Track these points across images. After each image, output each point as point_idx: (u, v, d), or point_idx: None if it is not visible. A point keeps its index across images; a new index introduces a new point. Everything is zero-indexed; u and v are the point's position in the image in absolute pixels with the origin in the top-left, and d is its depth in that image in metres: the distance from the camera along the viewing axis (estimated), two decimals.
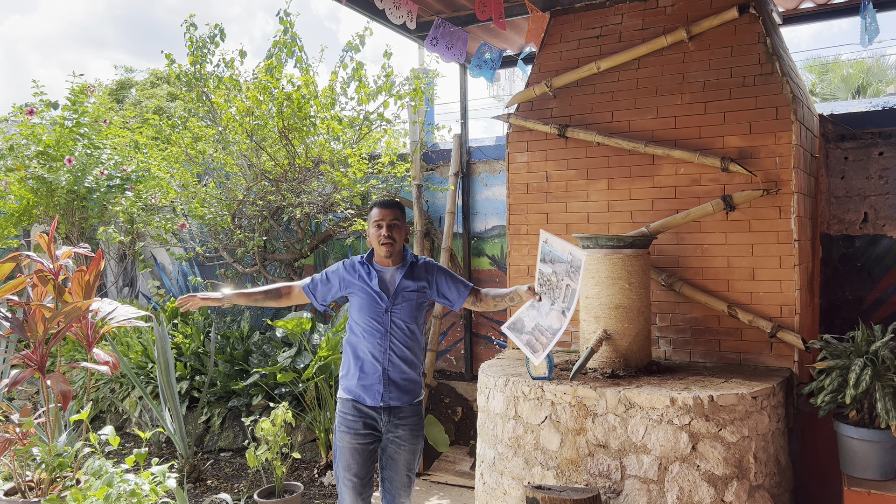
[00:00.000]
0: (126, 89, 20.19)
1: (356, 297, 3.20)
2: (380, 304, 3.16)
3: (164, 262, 7.85)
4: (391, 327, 3.17)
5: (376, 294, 3.16)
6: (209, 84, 5.94)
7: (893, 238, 4.38)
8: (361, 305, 3.18)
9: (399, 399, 3.16)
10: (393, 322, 3.17)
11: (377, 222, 3.18)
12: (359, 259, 3.27)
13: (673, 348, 4.09)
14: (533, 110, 4.51)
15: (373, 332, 3.16)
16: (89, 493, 3.01)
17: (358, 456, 3.16)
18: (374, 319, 3.16)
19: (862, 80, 23.68)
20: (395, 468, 3.21)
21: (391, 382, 3.15)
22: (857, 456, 3.33)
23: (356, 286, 3.20)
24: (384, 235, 3.15)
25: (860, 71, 24.22)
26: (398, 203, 3.26)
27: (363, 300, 3.18)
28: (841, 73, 23.09)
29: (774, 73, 3.81)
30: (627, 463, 3.28)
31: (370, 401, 3.15)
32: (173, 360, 5.22)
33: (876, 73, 24.47)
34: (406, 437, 3.19)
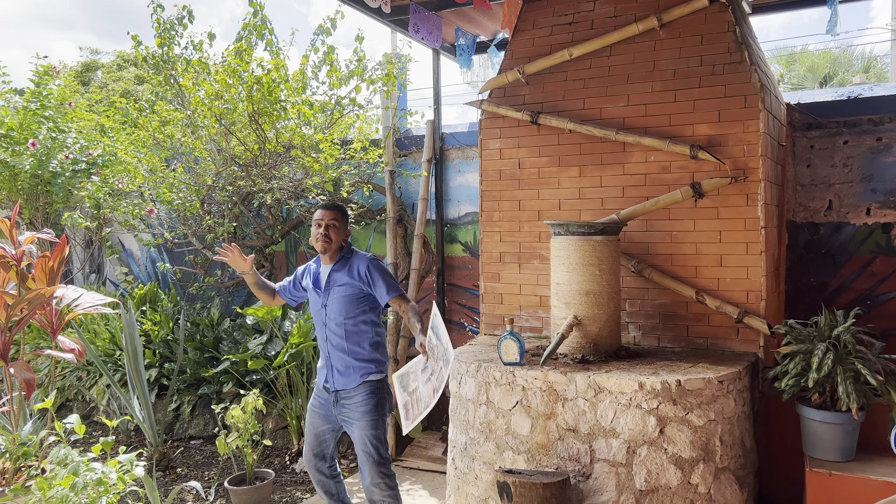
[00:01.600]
0: (92, 72, 19.75)
1: (309, 293, 3.65)
2: (318, 299, 3.58)
3: (132, 249, 7.73)
4: (326, 320, 3.54)
5: (315, 290, 3.58)
6: (177, 67, 5.84)
7: (856, 225, 4.47)
8: (311, 301, 3.64)
9: (341, 383, 3.51)
10: (328, 315, 3.54)
11: (317, 222, 3.52)
12: (314, 260, 3.68)
13: (642, 334, 4.14)
14: (506, 97, 4.50)
15: (318, 324, 3.61)
16: (55, 483, 2.96)
17: (314, 429, 3.63)
18: (316, 313, 3.61)
19: (829, 69, 24.05)
20: (355, 446, 3.52)
21: (333, 368, 3.54)
22: (819, 438, 3.42)
23: (308, 284, 3.62)
24: (322, 234, 3.48)
25: (827, 61, 24.60)
26: (340, 206, 3.60)
27: (311, 296, 3.63)
28: (808, 63, 23.45)
29: (743, 62, 3.85)
30: (597, 447, 3.32)
31: (323, 382, 3.62)
32: (142, 347, 5.15)
33: (842, 64, 24.88)
34: (350, 414, 3.49)
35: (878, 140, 4.40)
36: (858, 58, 25.18)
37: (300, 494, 4.50)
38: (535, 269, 4.41)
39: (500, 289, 4.56)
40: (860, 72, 23.83)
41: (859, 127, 4.45)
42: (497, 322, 4.57)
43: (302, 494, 4.49)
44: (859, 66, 24.20)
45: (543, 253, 4.37)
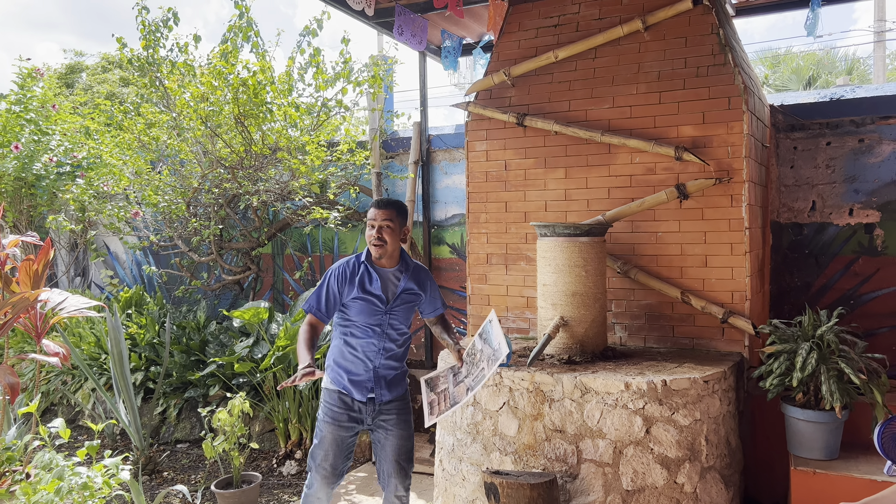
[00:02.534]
0: (76, 74, 19.57)
1: (357, 299, 3.18)
2: (379, 307, 3.20)
3: (117, 252, 7.68)
4: (388, 329, 3.23)
5: (376, 297, 3.18)
6: (162, 69, 5.81)
7: (839, 226, 4.52)
8: (361, 308, 3.19)
9: (388, 394, 3.27)
10: (390, 324, 3.24)
11: (370, 222, 3.19)
12: (356, 259, 3.23)
13: (628, 334, 4.16)
14: (492, 99, 4.52)
15: (369, 332, 3.21)
16: (39, 487, 2.94)
17: (337, 448, 3.22)
18: (371, 320, 3.20)
19: (813, 71, 24.29)
20: (385, 455, 3.28)
21: (381, 379, 3.24)
22: (804, 437, 3.45)
23: (356, 289, 3.17)
24: (375, 237, 3.16)
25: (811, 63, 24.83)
26: (396, 203, 3.25)
27: (363, 303, 3.18)
28: (792, 64, 23.67)
29: (727, 64, 3.88)
30: (583, 447, 3.34)
31: (358, 395, 3.22)
32: (127, 350, 5.11)
33: (826, 65, 25.13)
34: (393, 422, 3.26)
35: (861, 141, 4.45)
36: (842, 59, 25.43)
37: (287, 497, 4.48)
38: (522, 271, 4.43)
39: (486, 290, 4.56)
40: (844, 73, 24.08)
41: (841, 128, 4.50)
42: None
43: (290, 497, 4.48)
44: (843, 67, 24.46)
45: (530, 254, 4.39)
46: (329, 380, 3.28)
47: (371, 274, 3.19)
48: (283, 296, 6.55)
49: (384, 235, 3.15)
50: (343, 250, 6.26)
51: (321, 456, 3.24)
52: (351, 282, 3.17)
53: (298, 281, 6.43)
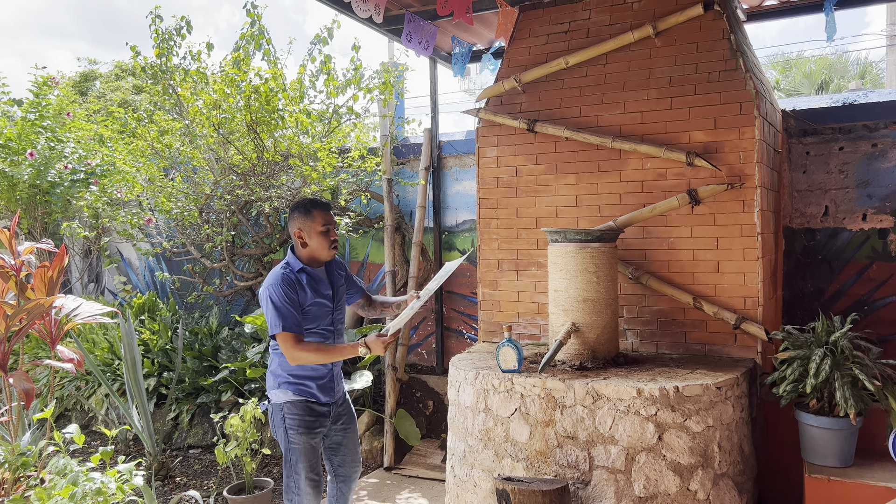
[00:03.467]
0: (90, 81, 19.76)
1: (312, 305, 3.17)
2: (328, 306, 3.25)
3: (130, 258, 7.73)
4: (338, 325, 3.33)
5: (321, 298, 3.20)
6: (175, 77, 5.86)
7: (853, 231, 4.49)
8: (316, 313, 3.19)
9: (342, 389, 3.40)
10: (339, 319, 3.34)
11: (327, 227, 3.18)
12: (289, 270, 3.16)
13: (640, 340, 4.15)
14: (502, 105, 4.52)
15: (325, 333, 3.25)
16: (54, 493, 2.96)
17: (315, 455, 3.24)
18: (325, 322, 3.24)
19: (825, 76, 24.17)
20: (347, 450, 3.41)
21: (337, 375, 3.34)
22: (818, 444, 3.42)
23: (310, 296, 3.16)
24: (333, 241, 3.20)
25: (823, 67, 24.72)
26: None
27: (317, 308, 3.19)
28: (804, 69, 23.56)
29: (738, 70, 3.87)
30: (595, 454, 3.33)
31: (324, 398, 3.25)
32: (140, 356, 5.15)
33: (838, 70, 25.01)
34: (348, 420, 3.43)
35: (874, 146, 4.42)
36: (854, 63, 25.29)
37: None
38: (533, 277, 4.42)
39: (498, 296, 4.57)
40: (856, 77, 23.95)
41: (854, 133, 4.47)
42: (495, 329, 4.58)
43: None
44: (855, 71, 24.33)
45: (541, 260, 4.38)
46: (291, 393, 3.19)
47: (315, 277, 3.20)
48: None
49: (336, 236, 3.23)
50: (354, 256, 6.28)
51: (306, 467, 3.20)
52: (304, 290, 3.14)
53: None
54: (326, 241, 3.18)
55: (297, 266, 3.18)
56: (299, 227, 3.18)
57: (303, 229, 3.17)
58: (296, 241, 3.20)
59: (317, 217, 3.17)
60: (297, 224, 3.18)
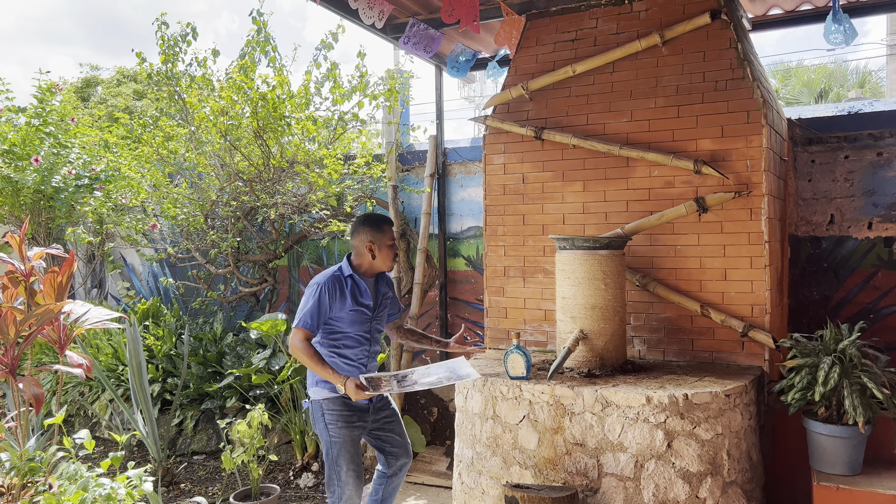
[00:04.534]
0: (92, 87, 19.79)
1: (347, 311, 3.35)
2: (367, 314, 3.44)
3: (133, 264, 7.73)
4: (375, 333, 3.52)
5: (362, 306, 3.39)
6: (181, 83, 5.88)
7: (858, 239, 4.50)
8: (354, 319, 3.38)
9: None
10: (376, 328, 3.53)
11: (392, 242, 3.46)
12: (339, 273, 3.38)
13: (647, 347, 4.15)
14: (509, 112, 4.54)
15: (360, 339, 3.43)
16: (64, 498, 2.96)
17: (356, 447, 3.41)
18: (362, 328, 3.43)
19: (824, 84, 24.25)
20: (395, 440, 3.59)
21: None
22: (826, 452, 3.42)
23: (349, 302, 3.35)
24: (395, 255, 3.48)
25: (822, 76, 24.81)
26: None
27: (355, 314, 3.38)
28: (803, 77, 23.65)
29: (745, 78, 3.89)
30: (604, 461, 3.33)
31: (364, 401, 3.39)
32: (145, 362, 5.15)
33: (838, 78, 25.09)
34: (389, 415, 3.59)
35: (879, 154, 4.44)
36: (853, 72, 25.38)
37: None
38: (540, 283, 4.43)
39: (504, 303, 4.57)
40: (855, 86, 24.03)
41: (860, 142, 4.49)
42: (501, 336, 4.58)
43: None
44: (854, 80, 24.42)
45: (548, 267, 4.39)
46: (327, 391, 3.34)
47: (360, 286, 3.40)
48: None
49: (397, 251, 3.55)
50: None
51: (347, 459, 3.35)
52: (342, 296, 3.34)
53: None
54: (391, 254, 3.44)
55: (346, 272, 3.39)
56: (371, 239, 3.40)
57: (374, 242, 3.40)
58: (365, 252, 3.40)
59: (386, 232, 3.43)
60: (369, 237, 3.40)
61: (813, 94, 22.62)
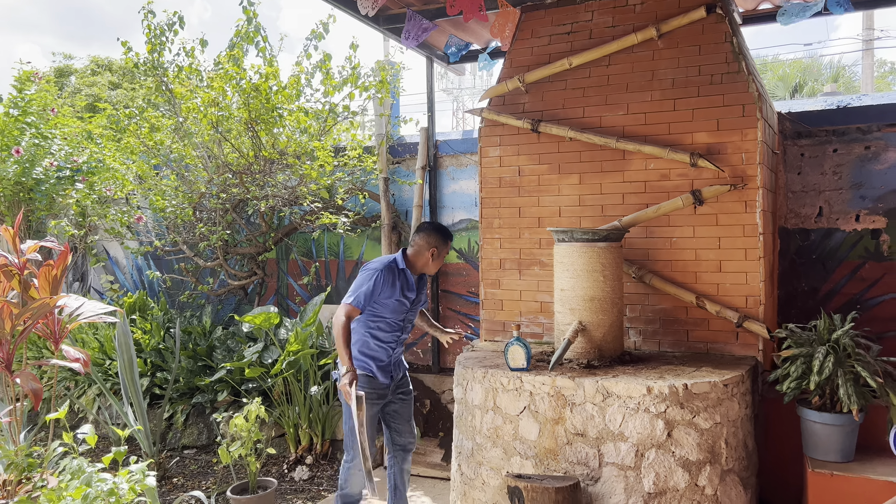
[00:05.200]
0: (65, 77, 19.40)
1: (392, 299, 3.70)
2: (406, 306, 3.79)
3: (117, 257, 7.62)
4: (407, 323, 3.87)
5: (405, 297, 3.75)
6: (168, 73, 5.80)
7: (846, 231, 4.59)
8: (395, 308, 3.73)
9: (401, 371, 3.94)
10: (409, 319, 3.88)
11: (446, 254, 3.85)
12: (394, 265, 3.73)
13: (643, 339, 4.20)
14: (505, 105, 4.55)
15: (395, 326, 3.78)
16: (65, 494, 2.92)
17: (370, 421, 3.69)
18: (399, 317, 3.78)
19: (799, 79, 24.60)
20: (403, 419, 3.95)
21: (398, 362, 3.90)
22: (820, 439, 3.50)
23: (397, 292, 3.71)
24: (441, 264, 3.88)
25: (797, 70, 25.14)
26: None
27: (397, 304, 3.73)
28: (779, 72, 23.98)
29: (741, 72, 3.94)
30: (605, 451, 3.36)
31: (383, 378, 3.76)
32: (135, 355, 5.09)
33: (812, 73, 25.46)
34: (405, 390, 3.96)
35: (867, 148, 4.53)
36: (827, 67, 25.77)
37: (301, 503, 4.47)
38: (536, 276, 4.46)
39: (500, 295, 4.59)
40: (829, 80, 24.41)
41: (848, 135, 4.57)
42: (497, 328, 4.60)
43: (303, 503, 4.47)
44: (829, 74, 24.78)
45: (544, 259, 4.42)
46: (360, 367, 3.69)
47: (409, 280, 3.77)
48: (288, 301, 6.54)
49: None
50: (349, 255, 6.26)
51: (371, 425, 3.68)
52: (393, 286, 3.69)
53: (304, 286, 6.42)
54: (440, 264, 3.86)
55: (401, 265, 3.75)
56: (435, 246, 3.77)
57: (437, 249, 3.78)
58: (426, 253, 3.76)
59: (448, 245, 3.84)
60: (435, 243, 3.77)
61: (788, 89, 22.93)
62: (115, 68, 19.39)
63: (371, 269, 3.66)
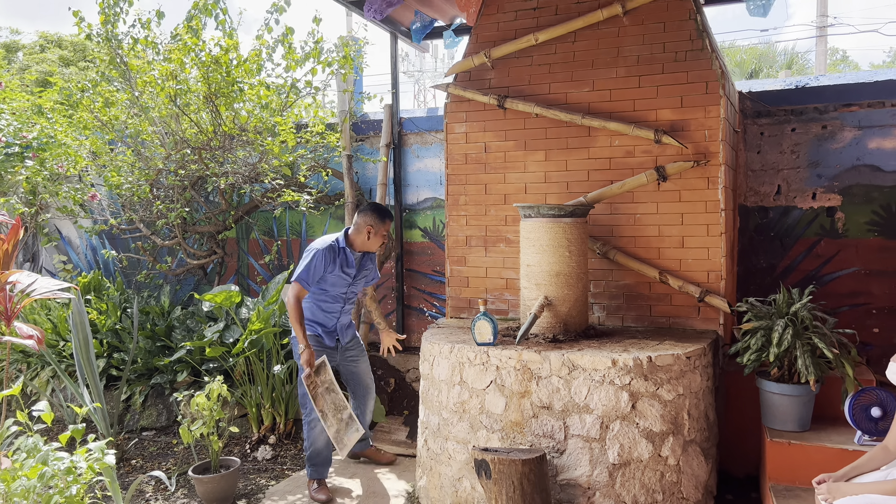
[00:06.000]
0: (12, 53, 18.67)
1: (333, 275, 4.06)
2: (347, 279, 4.14)
3: (69, 236, 7.40)
4: (350, 295, 4.25)
5: (345, 272, 4.09)
6: (123, 46, 5.61)
7: (803, 209, 4.69)
8: (336, 281, 4.10)
9: (348, 336, 4.36)
10: (353, 291, 4.25)
11: (385, 234, 4.10)
12: (336, 244, 4.05)
13: (606, 314, 4.24)
14: (471, 80, 4.52)
15: (338, 297, 4.18)
16: (21, 473, 2.82)
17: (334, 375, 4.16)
18: (341, 290, 4.16)
19: (755, 64, 25.05)
20: (359, 377, 4.40)
21: (342, 327, 4.30)
22: (778, 410, 3.59)
23: (337, 269, 4.06)
24: (383, 243, 4.16)
25: (753, 56, 25.61)
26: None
27: (337, 278, 4.09)
28: (736, 57, 24.38)
29: (704, 49, 3.97)
30: (570, 423, 3.40)
31: (328, 341, 4.23)
32: (91, 335, 4.95)
33: (767, 59, 25.94)
34: (356, 352, 4.39)
35: (824, 128, 4.62)
36: (782, 54, 26.28)
37: (265, 482, 4.43)
38: (502, 252, 4.46)
39: (466, 272, 4.58)
40: (784, 67, 24.91)
41: (806, 115, 4.66)
42: (463, 305, 4.59)
43: (267, 482, 4.42)
44: (783, 61, 25.28)
45: (510, 236, 4.42)
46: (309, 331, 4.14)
47: (349, 258, 4.09)
48: (249, 280, 6.43)
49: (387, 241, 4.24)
50: (311, 234, 6.18)
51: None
52: (334, 262, 4.05)
53: (265, 266, 6.32)
54: (380, 241, 4.10)
55: (342, 244, 4.07)
56: (371, 224, 4.03)
57: (373, 228, 4.04)
58: (363, 232, 4.04)
59: (386, 224, 4.09)
60: (371, 221, 4.03)
61: (744, 74, 23.35)
62: (65, 44, 18.74)
63: (313, 250, 3.99)
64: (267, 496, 4.20)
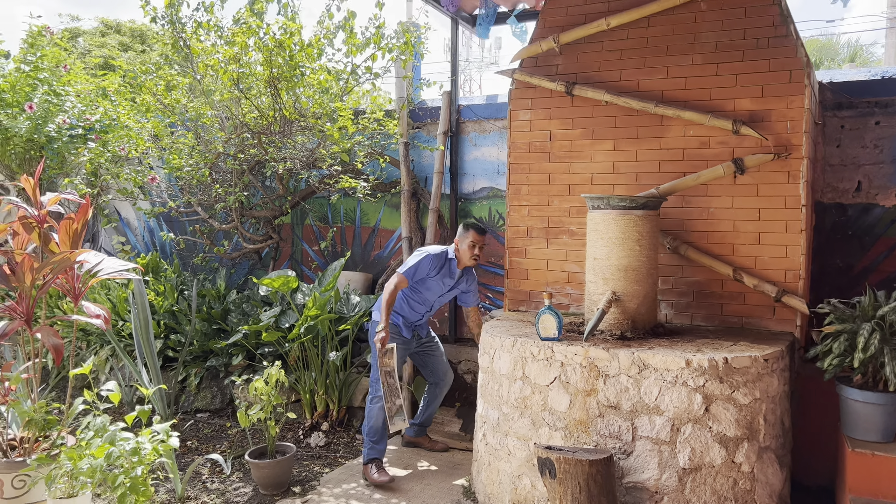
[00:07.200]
0: (74, 38, 19.14)
1: (433, 280, 4.25)
2: (443, 288, 4.32)
3: (128, 218, 7.51)
4: (436, 305, 4.44)
5: (444, 280, 4.27)
6: (186, 30, 5.62)
7: (885, 207, 4.44)
8: (431, 287, 4.29)
9: (425, 333, 4.56)
10: (438, 303, 4.43)
11: (474, 244, 4.17)
12: (446, 255, 4.24)
13: (674, 311, 4.09)
14: (538, 66, 4.39)
15: (427, 301, 4.36)
16: (86, 452, 2.84)
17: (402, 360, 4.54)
18: (431, 296, 4.34)
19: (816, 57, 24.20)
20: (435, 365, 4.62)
21: (422, 325, 4.51)
22: (861, 418, 3.39)
23: (439, 275, 4.24)
24: (476, 255, 4.21)
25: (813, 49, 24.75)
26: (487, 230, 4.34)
27: (434, 284, 4.28)
28: None
29: (789, 36, 3.77)
30: (639, 424, 3.27)
31: (405, 333, 4.40)
32: (151, 316, 5.00)
33: (828, 52, 25.04)
34: (433, 345, 4.60)
35: None
36: (845, 46, 25.32)
37: (318, 469, 4.41)
38: (564, 245, 4.33)
39: (526, 264, 4.47)
40: (847, 60, 24.00)
41: (892, 107, 4.40)
42: (522, 298, 4.49)
43: (321, 469, 4.40)
44: (846, 54, 24.37)
45: (573, 228, 4.29)
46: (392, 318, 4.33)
47: (452, 271, 4.26)
48: (302, 266, 6.43)
49: (480, 254, 4.21)
50: (365, 222, 6.14)
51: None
52: (438, 270, 4.23)
53: (319, 252, 6.30)
54: (470, 253, 4.19)
55: (451, 255, 4.25)
56: (457, 238, 4.25)
57: (458, 240, 4.23)
58: (467, 247, 4.19)
59: (470, 234, 4.18)
60: (458, 235, 4.25)
61: None
62: (123, 30, 19.13)
63: (424, 252, 4.23)
64: (322, 483, 4.18)
